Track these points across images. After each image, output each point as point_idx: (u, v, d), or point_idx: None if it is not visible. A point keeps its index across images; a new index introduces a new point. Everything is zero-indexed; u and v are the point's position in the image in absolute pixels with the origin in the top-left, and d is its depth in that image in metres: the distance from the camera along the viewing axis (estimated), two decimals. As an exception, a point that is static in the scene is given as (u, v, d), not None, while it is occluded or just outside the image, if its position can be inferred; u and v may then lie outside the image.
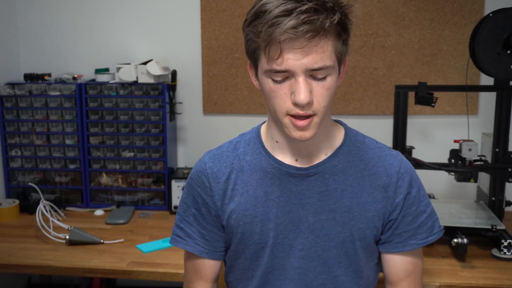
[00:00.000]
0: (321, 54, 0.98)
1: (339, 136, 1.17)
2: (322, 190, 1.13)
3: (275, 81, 1.01)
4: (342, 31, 1.01)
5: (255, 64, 1.07)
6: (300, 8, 0.94)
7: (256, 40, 1.00)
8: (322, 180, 1.13)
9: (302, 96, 0.98)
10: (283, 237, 1.13)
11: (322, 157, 1.14)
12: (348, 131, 1.19)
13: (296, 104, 1.00)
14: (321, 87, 1.01)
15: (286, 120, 1.04)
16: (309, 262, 1.14)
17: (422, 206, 1.16)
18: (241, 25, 1.06)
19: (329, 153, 1.14)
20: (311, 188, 1.13)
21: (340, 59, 1.03)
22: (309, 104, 1.00)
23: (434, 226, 1.18)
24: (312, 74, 1.00)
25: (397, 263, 1.17)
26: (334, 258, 1.14)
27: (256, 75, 1.08)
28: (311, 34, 0.95)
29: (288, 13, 0.94)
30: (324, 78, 1.01)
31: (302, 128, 1.03)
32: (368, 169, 1.14)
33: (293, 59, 0.97)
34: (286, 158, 1.14)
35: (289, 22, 0.94)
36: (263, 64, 1.02)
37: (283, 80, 1.01)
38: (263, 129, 1.20)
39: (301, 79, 0.99)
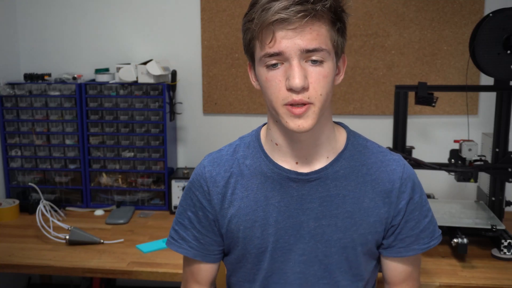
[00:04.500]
0: (315, 36, 0.96)
1: (340, 140, 1.15)
2: (323, 196, 1.11)
3: (269, 68, 0.99)
4: (336, 19, 0.99)
5: (252, 59, 1.06)
6: None
7: (250, 27, 0.99)
8: (323, 185, 1.11)
9: (297, 80, 0.96)
10: (283, 242, 1.12)
11: (323, 161, 1.12)
12: (350, 134, 1.17)
13: (291, 90, 0.98)
14: (317, 73, 0.98)
15: (283, 110, 1.00)
16: (309, 267, 1.13)
17: (424, 211, 1.15)
18: (241, 25, 1.05)
19: (331, 157, 1.12)
20: (312, 194, 1.11)
21: (336, 49, 1.02)
22: (304, 89, 0.98)
23: (435, 231, 1.17)
24: (307, 58, 0.98)
25: (398, 267, 1.17)
26: (335, 264, 1.13)
27: (255, 73, 1.07)
28: (303, 14, 0.94)
29: None
30: (320, 63, 0.98)
31: (299, 116, 1.00)
32: (371, 174, 1.13)
33: (285, 40, 0.96)
34: (286, 162, 1.12)
35: (280, 4, 0.94)
36: (258, 52, 1.01)
37: (277, 66, 0.99)
38: (262, 132, 1.18)
39: (295, 63, 0.97)
